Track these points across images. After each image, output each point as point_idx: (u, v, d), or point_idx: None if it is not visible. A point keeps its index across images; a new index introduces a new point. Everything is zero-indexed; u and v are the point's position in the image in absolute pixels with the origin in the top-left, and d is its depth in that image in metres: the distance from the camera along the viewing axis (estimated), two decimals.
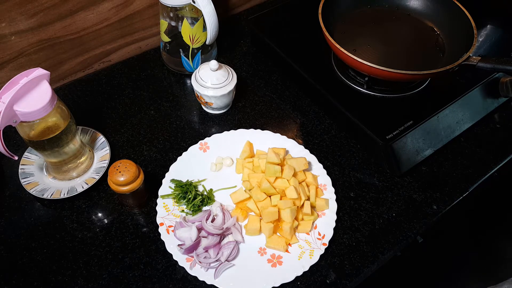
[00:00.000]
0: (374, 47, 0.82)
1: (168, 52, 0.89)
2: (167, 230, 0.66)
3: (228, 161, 0.76)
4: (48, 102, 0.61)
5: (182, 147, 0.78)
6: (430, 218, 0.71)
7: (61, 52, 0.85)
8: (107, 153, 0.75)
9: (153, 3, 0.90)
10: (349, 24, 0.87)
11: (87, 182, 0.72)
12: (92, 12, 0.83)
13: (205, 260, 0.63)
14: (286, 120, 0.84)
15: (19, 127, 0.63)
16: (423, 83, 0.82)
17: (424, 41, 0.84)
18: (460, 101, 0.78)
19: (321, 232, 0.67)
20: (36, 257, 0.65)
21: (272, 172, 0.68)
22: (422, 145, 0.75)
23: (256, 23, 0.94)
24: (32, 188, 0.70)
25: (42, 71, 0.61)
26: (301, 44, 0.89)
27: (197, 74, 0.80)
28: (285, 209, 0.66)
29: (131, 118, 0.84)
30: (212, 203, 0.70)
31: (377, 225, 0.70)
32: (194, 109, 0.86)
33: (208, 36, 0.81)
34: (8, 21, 0.75)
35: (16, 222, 0.69)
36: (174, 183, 0.71)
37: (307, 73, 0.83)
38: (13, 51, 0.79)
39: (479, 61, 0.72)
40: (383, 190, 0.74)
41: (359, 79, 0.82)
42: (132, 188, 0.65)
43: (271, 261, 0.65)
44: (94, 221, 0.69)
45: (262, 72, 0.93)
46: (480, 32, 0.93)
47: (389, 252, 0.67)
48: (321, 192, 0.71)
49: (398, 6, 0.89)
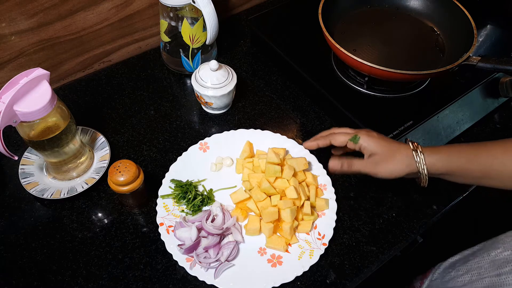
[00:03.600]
0: (374, 47, 0.82)
1: (168, 52, 0.89)
2: (167, 230, 0.66)
3: (228, 161, 0.76)
4: (48, 102, 0.61)
5: (182, 147, 0.78)
6: (430, 218, 0.71)
7: (61, 52, 0.85)
8: (107, 153, 0.75)
9: (153, 3, 0.90)
10: (349, 24, 0.87)
11: (87, 182, 0.72)
12: (92, 12, 0.83)
13: (205, 260, 0.63)
14: (286, 120, 0.84)
15: (19, 127, 0.63)
16: (423, 83, 0.82)
17: (424, 41, 0.84)
18: (460, 101, 0.78)
19: (321, 232, 0.67)
20: (36, 257, 0.65)
21: (272, 172, 0.68)
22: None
23: (256, 23, 0.94)
24: (32, 188, 0.70)
25: (42, 71, 0.61)
26: (301, 44, 0.89)
27: (197, 74, 0.80)
28: (285, 209, 0.66)
29: (131, 118, 0.84)
30: (212, 203, 0.70)
31: (377, 225, 0.70)
32: (194, 109, 0.86)
33: (208, 36, 0.81)
34: (8, 21, 0.75)
35: (16, 222, 0.69)
36: (174, 183, 0.71)
37: (307, 73, 0.83)
38: (13, 51, 0.79)
39: (479, 61, 0.72)
40: (383, 190, 0.74)
41: (359, 79, 0.82)
42: (132, 188, 0.65)
43: (271, 261, 0.65)
44: (94, 221, 0.69)
45: (262, 72, 0.93)
46: (480, 32, 0.93)
47: (389, 252, 0.67)
48: (321, 192, 0.71)
49: (398, 6, 0.89)
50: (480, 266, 0.70)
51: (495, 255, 0.68)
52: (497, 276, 0.65)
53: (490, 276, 0.66)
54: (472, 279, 0.70)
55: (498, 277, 0.65)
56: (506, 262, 0.65)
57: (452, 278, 0.75)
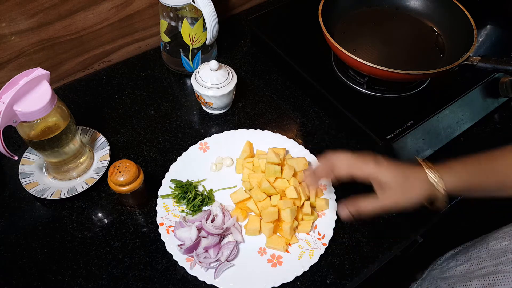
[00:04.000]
0: (374, 47, 0.82)
1: (168, 52, 0.89)
2: (167, 230, 0.66)
3: (228, 161, 0.76)
4: (48, 102, 0.61)
5: (182, 147, 0.78)
6: (430, 218, 0.71)
7: (61, 52, 0.85)
8: (107, 153, 0.75)
9: (153, 3, 0.90)
10: (349, 24, 0.87)
11: (87, 182, 0.72)
12: (92, 12, 0.83)
13: (205, 260, 0.63)
14: (286, 120, 0.84)
15: (19, 127, 0.63)
16: (423, 83, 0.82)
17: (424, 41, 0.84)
18: (460, 101, 0.78)
19: (321, 232, 0.67)
20: (36, 257, 0.65)
21: (272, 172, 0.68)
22: (422, 145, 0.76)
23: (256, 23, 0.94)
24: (32, 188, 0.70)
25: (42, 71, 0.61)
26: (301, 44, 0.89)
27: (197, 74, 0.80)
28: (285, 209, 0.66)
29: (131, 118, 0.84)
30: (212, 203, 0.70)
31: (377, 225, 0.70)
32: (194, 109, 0.86)
33: (208, 36, 0.81)
34: (8, 21, 0.75)
35: (16, 222, 0.69)
36: (174, 183, 0.71)
37: (307, 73, 0.83)
38: (13, 51, 0.79)
39: (479, 61, 0.72)
40: None
41: (359, 79, 0.82)
42: (132, 188, 0.65)
43: (271, 261, 0.65)
44: (94, 221, 0.69)
45: (262, 72, 0.93)
46: (480, 32, 0.93)
47: (389, 252, 0.67)
48: (321, 192, 0.71)
49: (398, 6, 0.89)
50: (479, 256, 0.69)
51: (494, 244, 0.67)
52: (495, 265, 0.64)
53: (488, 266, 0.66)
54: (470, 268, 0.69)
55: (495, 267, 0.64)
56: (504, 251, 0.64)
57: (451, 268, 0.74)
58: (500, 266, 0.63)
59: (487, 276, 0.64)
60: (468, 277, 0.68)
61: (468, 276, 0.68)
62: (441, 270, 0.78)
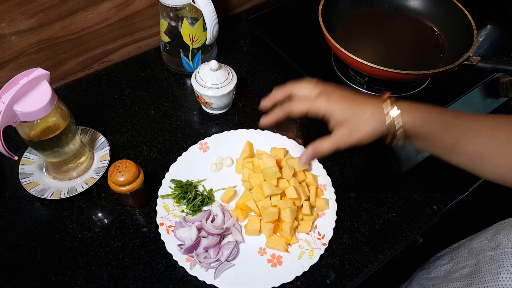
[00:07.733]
0: (374, 47, 0.82)
1: (168, 52, 0.89)
2: (167, 230, 0.66)
3: (228, 161, 0.76)
4: (48, 102, 0.61)
5: (182, 147, 0.78)
6: (430, 218, 0.71)
7: (61, 52, 0.85)
8: (107, 153, 0.75)
9: (153, 3, 0.90)
10: (349, 24, 0.87)
11: (87, 182, 0.72)
12: (92, 12, 0.83)
13: (205, 260, 0.63)
14: (286, 120, 0.84)
15: (19, 127, 0.63)
16: (423, 83, 0.82)
17: (424, 41, 0.84)
18: (460, 101, 0.78)
19: (321, 232, 0.67)
20: (36, 257, 0.65)
21: (272, 175, 0.68)
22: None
23: (256, 23, 0.94)
24: (32, 188, 0.70)
25: (42, 71, 0.61)
26: (301, 44, 0.89)
27: (197, 74, 0.80)
28: (285, 209, 0.66)
29: (131, 118, 0.84)
30: (212, 203, 0.70)
31: (377, 225, 0.70)
32: (194, 109, 0.86)
33: (208, 36, 0.81)
34: (8, 21, 0.75)
35: (16, 222, 0.69)
36: (174, 183, 0.71)
37: (307, 73, 0.83)
38: (13, 51, 0.79)
39: (479, 61, 0.72)
40: (383, 190, 0.74)
41: (359, 79, 0.82)
42: (132, 188, 0.65)
43: (271, 261, 0.65)
44: (94, 221, 0.69)
45: (262, 72, 0.93)
46: (480, 32, 0.93)
47: (389, 252, 0.67)
48: (321, 192, 0.71)
49: (398, 6, 0.89)
50: (461, 255, 0.69)
51: (475, 243, 0.67)
52: (475, 265, 0.64)
53: (469, 265, 0.66)
54: (453, 268, 0.69)
55: (475, 266, 0.64)
56: (483, 249, 0.64)
57: (435, 268, 0.75)
58: (479, 265, 0.63)
59: (468, 277, 0.64)
60: (451, 277, 0.68)
61: (451, 276, 0.68)
62: (427, 270, 0.78)
